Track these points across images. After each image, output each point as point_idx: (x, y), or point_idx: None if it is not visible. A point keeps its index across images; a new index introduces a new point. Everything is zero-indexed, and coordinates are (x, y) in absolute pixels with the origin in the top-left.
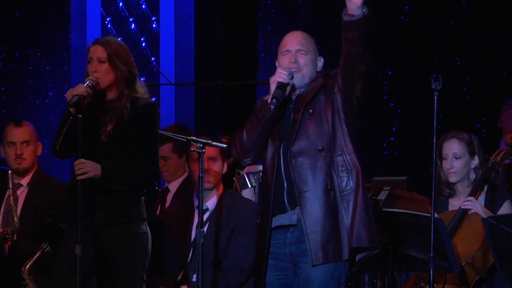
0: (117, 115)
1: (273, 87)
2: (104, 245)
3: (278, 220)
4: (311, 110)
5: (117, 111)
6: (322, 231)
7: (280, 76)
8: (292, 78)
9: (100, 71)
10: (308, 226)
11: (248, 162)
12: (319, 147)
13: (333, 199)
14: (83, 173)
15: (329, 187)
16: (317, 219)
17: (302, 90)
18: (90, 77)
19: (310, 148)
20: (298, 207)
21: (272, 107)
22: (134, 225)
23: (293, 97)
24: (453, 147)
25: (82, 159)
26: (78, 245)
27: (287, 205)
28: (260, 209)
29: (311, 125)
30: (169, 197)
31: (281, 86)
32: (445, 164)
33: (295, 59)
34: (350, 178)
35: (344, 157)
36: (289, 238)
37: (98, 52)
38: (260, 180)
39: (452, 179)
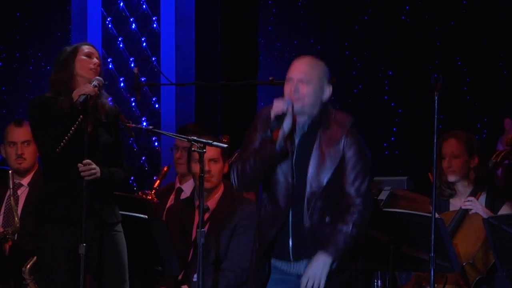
0: (101, 116)
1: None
2: (93, 246)
3: (279, 264)
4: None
5: (102, 111)
6: None
7: (274, 108)
8: (291, 106)
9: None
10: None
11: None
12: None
13: None
14: (91, 174)
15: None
16: None
17: (306, 124)
18: (97, 77)
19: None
20: (304, 261)
21: (278, 148)
22: (119, 226)
23: (296, 138)
24: (451, 146)
25: (88, 160)
26: (82, 244)
27: (291, 256)
28: (258, 231)
29: None
30: (183, 197)
31: (278, 117)
32: (444, 163)
33: (296, 88)
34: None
35: None
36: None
37: (96, 52)
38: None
39: (451, 177)
